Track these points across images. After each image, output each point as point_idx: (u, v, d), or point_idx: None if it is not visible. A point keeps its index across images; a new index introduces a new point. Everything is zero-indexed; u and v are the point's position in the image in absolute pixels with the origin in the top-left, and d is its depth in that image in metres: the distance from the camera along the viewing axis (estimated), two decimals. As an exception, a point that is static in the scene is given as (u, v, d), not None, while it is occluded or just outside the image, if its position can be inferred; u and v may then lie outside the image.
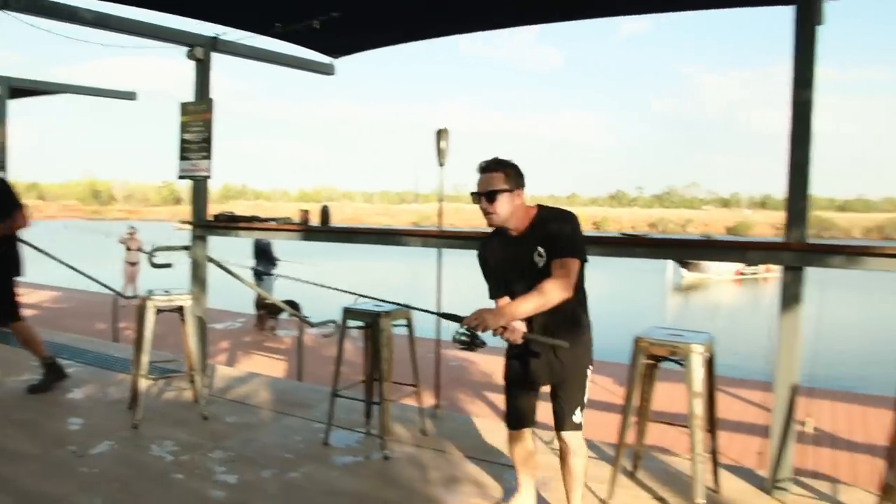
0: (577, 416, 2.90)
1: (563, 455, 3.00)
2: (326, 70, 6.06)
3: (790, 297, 3.38)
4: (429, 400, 4.70)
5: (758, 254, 3.76)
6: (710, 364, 3.30)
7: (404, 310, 4.09)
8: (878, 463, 3.35)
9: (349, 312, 4.07)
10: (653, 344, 3.26)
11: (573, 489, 3.02)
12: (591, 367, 2.93)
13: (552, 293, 2.60)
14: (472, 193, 2.80)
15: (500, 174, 2.75)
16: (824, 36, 3.39)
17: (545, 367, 2.87)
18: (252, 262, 10.82)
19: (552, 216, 2.78)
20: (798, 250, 3.31)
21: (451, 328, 2.70)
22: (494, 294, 2.94)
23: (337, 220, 5.33)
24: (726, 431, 5.54)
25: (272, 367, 7.91)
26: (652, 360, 3.37)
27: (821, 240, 3.27)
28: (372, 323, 3.99)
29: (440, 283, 4.74)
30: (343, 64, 6.05)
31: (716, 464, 3.54)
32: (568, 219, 2.75)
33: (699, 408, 3.16)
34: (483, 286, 2.99)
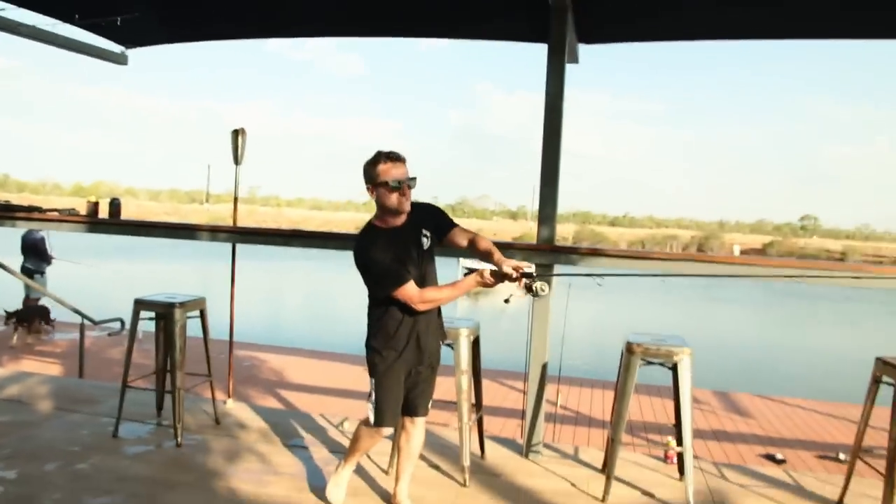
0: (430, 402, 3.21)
1: (408, 439, 3.19)
2: (119, 59, 5.91)
3: (541, 290, 4.04)
4: (222, 396, 4.82)
5: (515, 253, 4.40)
6: (475, 345, 3.85)
7: (199, 300, 4.22)
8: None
9: (141, 304, 4.11)
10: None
11: (408, 469, 3.23)
12: None
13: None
14: (396, 182, 2.81)
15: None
16: (601, 66, 4.13)
17: (433, 346, 3.06)
18: (20, 259, 9.90)
19: (421, 203, 3.05)
20: (545, 251, 3.99)
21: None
22: (397, 284, 2.84)
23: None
24: (504, 417, 6.24)
25: (48, 369, 7.38)
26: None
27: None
28: (165, 314, 4.07)
29: (234, 279, 4.89)
30: (139, 54, 5.94)
31: (481, 435, 4.11)
32: (431, 204, 3.16)
33: (465, 383, 3.69)
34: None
